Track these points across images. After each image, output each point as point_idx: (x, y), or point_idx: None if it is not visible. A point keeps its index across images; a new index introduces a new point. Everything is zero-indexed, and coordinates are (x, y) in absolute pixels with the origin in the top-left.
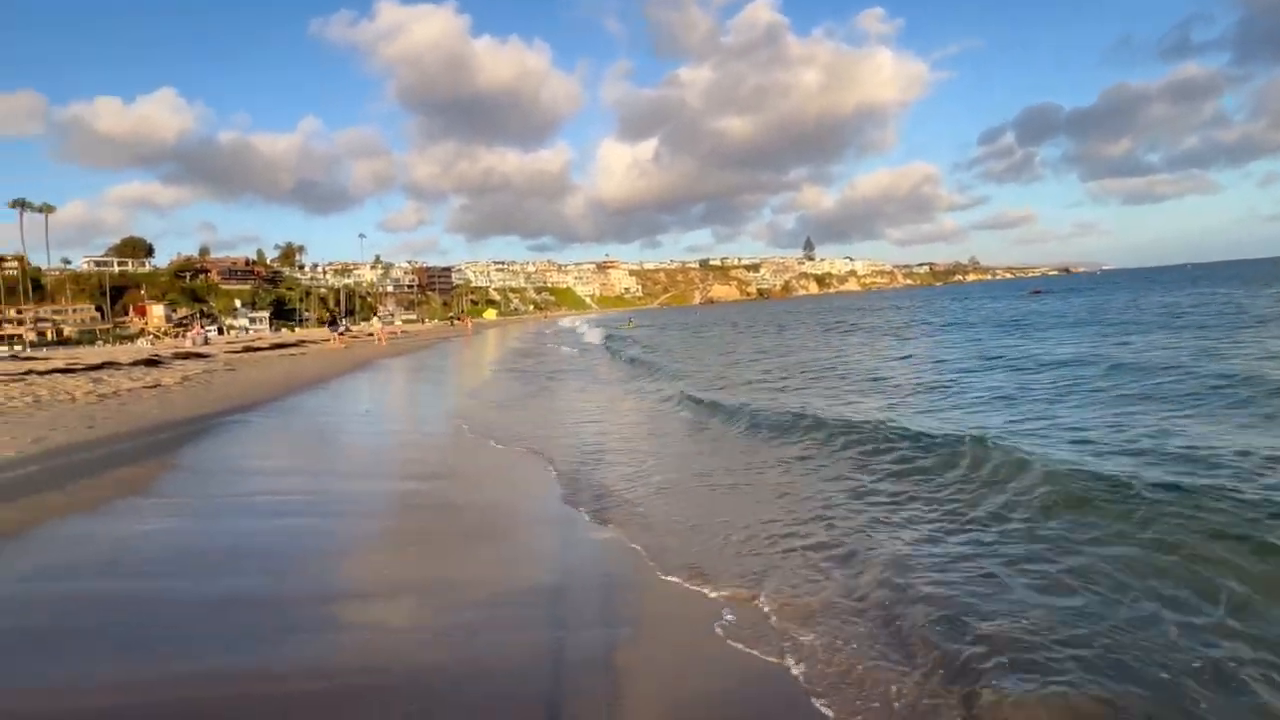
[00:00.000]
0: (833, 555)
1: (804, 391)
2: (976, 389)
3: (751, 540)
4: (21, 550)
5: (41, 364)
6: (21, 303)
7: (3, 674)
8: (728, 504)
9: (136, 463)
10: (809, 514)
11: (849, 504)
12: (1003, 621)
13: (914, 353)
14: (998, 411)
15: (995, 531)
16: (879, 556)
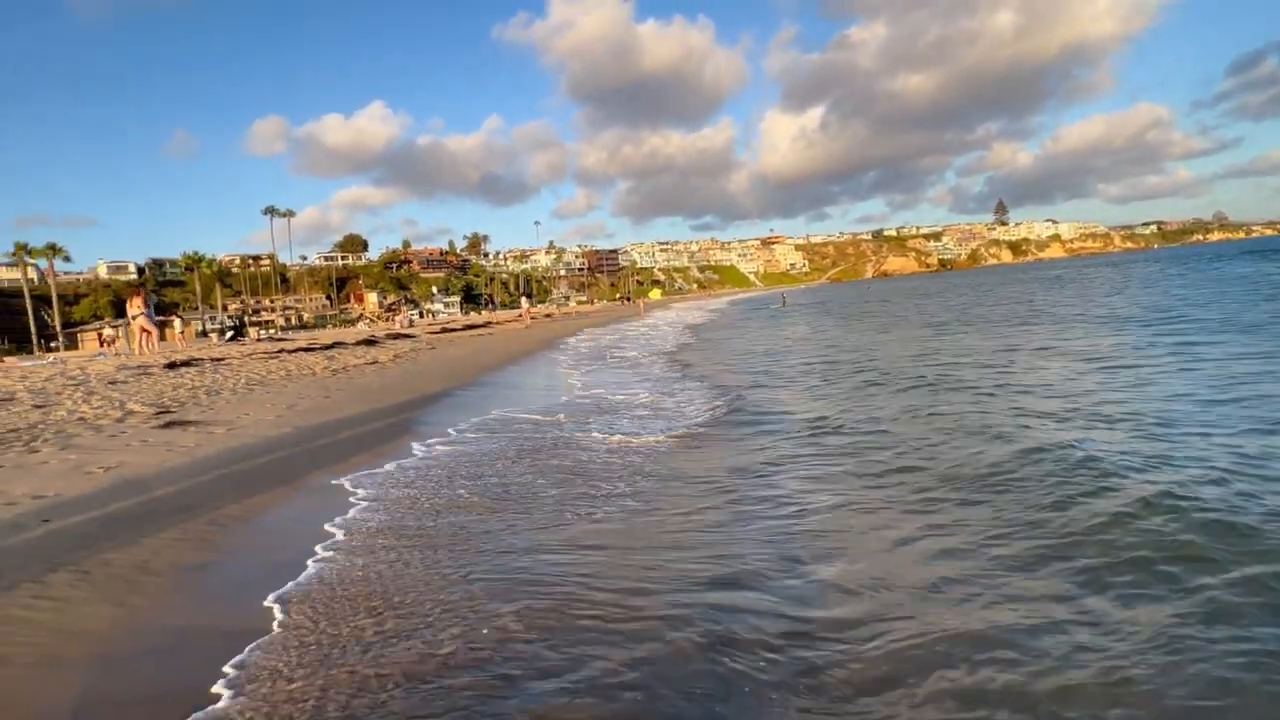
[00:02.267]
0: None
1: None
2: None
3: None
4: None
5: (289, 344)
6: (273, 293)
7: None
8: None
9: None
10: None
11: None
12: None
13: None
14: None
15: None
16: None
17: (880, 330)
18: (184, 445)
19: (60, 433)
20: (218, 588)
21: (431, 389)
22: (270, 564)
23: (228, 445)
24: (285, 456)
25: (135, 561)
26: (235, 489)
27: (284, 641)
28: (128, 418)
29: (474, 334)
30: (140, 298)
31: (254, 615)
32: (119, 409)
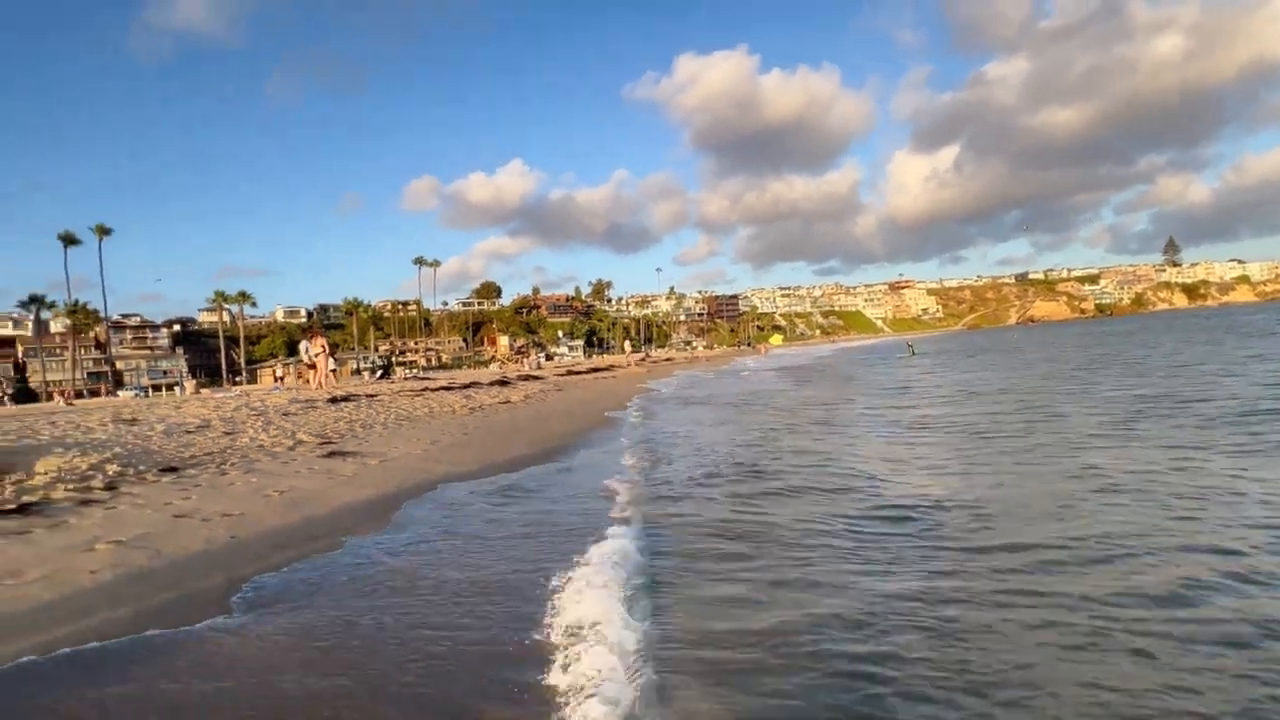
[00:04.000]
0: None
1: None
2: None
3: None
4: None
5: (432, 383)
6: (417, 336)
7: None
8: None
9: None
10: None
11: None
12: None
13: None
14: None
15: None
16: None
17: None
18: (344, 474)
19: (245, 458)
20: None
21: (561, 429)
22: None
23: (381, 476)
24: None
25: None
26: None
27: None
28: (297, 446)
29: (598, 376)
30: (322, 339)
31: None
32: (290, 438)
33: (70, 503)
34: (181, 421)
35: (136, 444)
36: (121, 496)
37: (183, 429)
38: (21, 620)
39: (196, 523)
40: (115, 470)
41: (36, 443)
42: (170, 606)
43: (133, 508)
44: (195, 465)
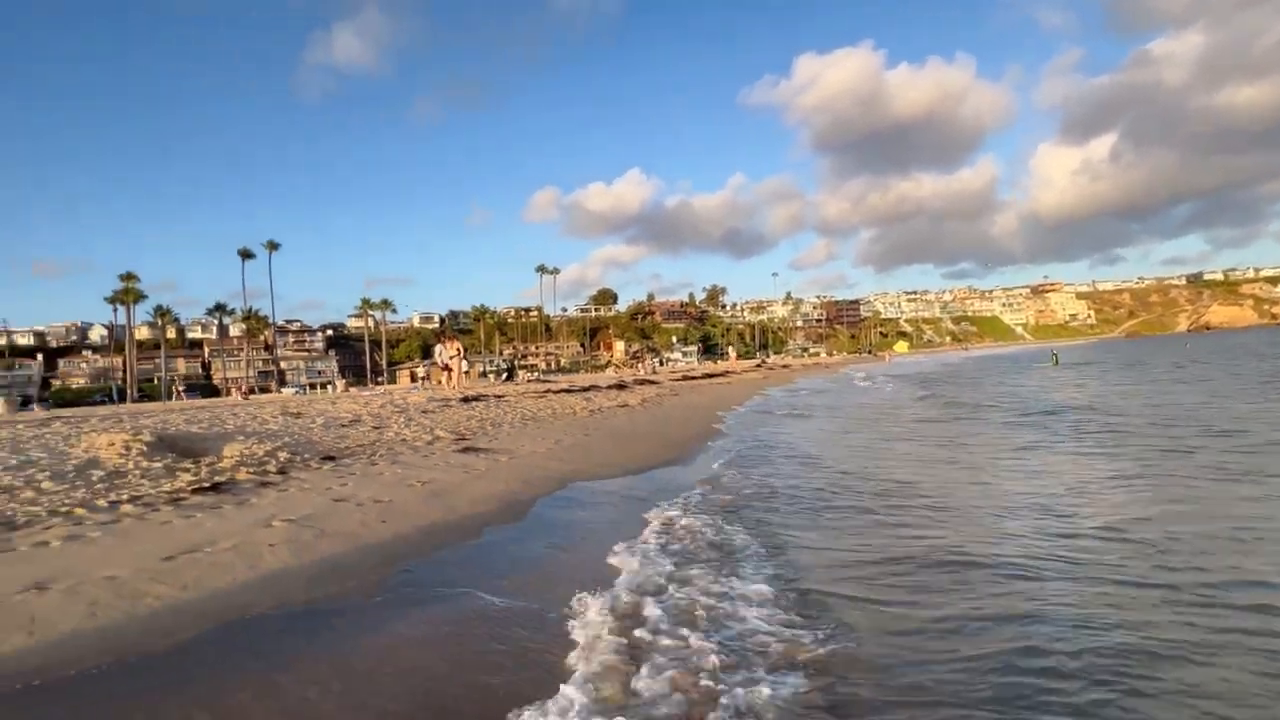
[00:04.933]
0: None
1: None
2: None
3: None
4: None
5: (554, 386)
6: (538, 340)
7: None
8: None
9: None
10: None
11: None
12: None
13: None
14: None
15: None
16: None
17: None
18: (478, 469)
19: (391, 450)
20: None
21: (679, 433)
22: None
23: (510, 471)
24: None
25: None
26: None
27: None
28: (435, 441)
29: (713, 382)
30: (455, 342)
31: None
32: (429, 434)
33: (251, 483)
34: (337, 416)
35: (301, 435)
36: (291, 480)
37: (338, 423)
38: (220, 581)
39: (352, 506)
40: (285, 457)
41: (223, 431)
42: (333, 580)
43: (300, 490)
44: (349, 455)
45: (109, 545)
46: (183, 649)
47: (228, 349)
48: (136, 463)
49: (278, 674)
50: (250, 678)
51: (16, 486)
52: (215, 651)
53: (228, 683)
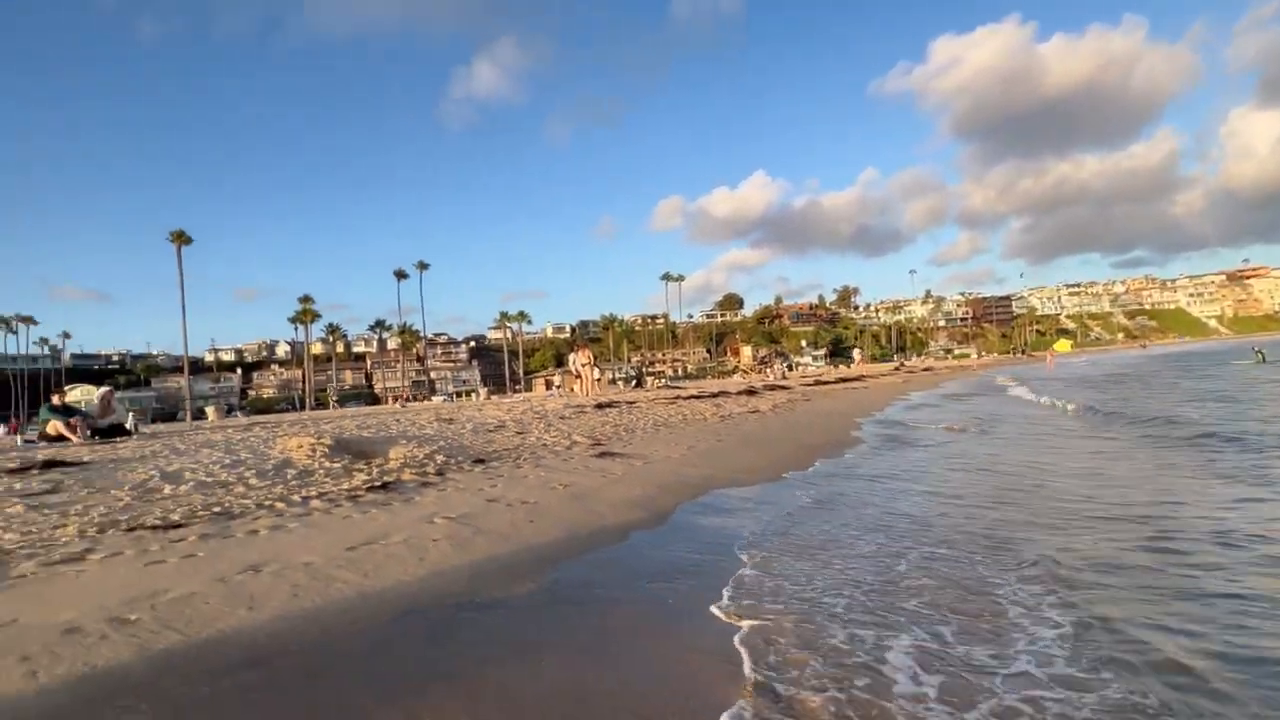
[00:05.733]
0: None
1: None
2: None
3: None
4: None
5: (683, 392)
6: (664, 347)
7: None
8: None
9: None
10: None
11: None
12: None
13: None
14: None
15: None
16: None
17: None
18: (614, 473)
19: (533, 454)
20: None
21: (813, 439)
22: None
23: (645, 475)
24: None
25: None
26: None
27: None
28: (573, 446)
29: (847, 387)
30: (587, 351)
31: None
32: (567, 439)
33: (414, 483)
34: (483, 422)
35: (454, 439)
36: (448, 481)
37: (485, 428)
38: (394, 571)
39: (502, 507)
40: (441, 460)
41: (389, 435)
42: (490, 576)
43: (456, 491)
44: (497, 459)
45: (304, 535)
46: (370, 631)
47: (386, 361)
48: (320, 463)
49: (450, 660)
50: (427, 659)
51: (231, 482)
52: (395, 633)
53: (410, 661)
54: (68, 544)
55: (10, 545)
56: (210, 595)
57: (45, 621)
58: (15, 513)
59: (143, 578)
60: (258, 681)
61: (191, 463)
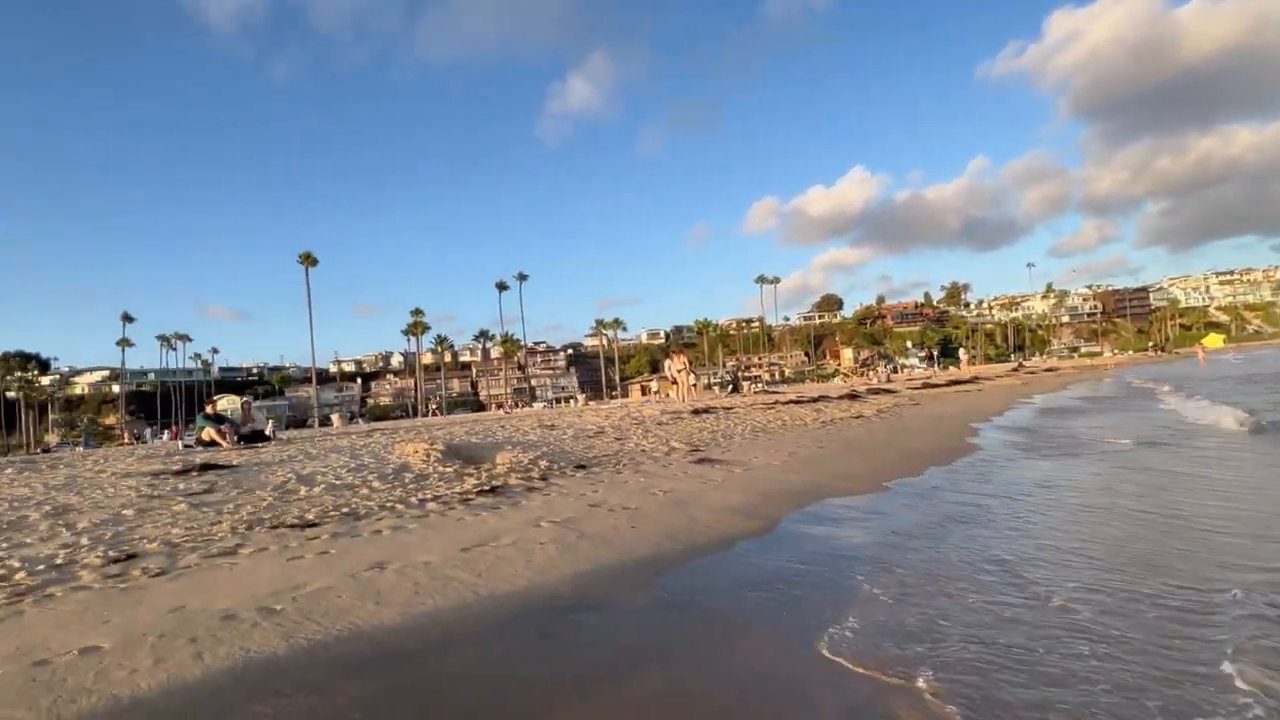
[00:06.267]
0: None
1: None
2: None
3: None
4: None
5: (781, 397)
6: (760, 351)
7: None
8: None
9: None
10: None
11: None
12: None
13: None
14: None
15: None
16: None
17: None
18: (714, 479)
19: (632, 460)
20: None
21: (922, 445)
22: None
23: (745, 482)
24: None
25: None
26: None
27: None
28: (671, 452)
29: (959, 390)
30: (683, 356)
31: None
32: (665, 445)
33: (520, 488)
34: (583, 428)
35: (556, 445)
36: (552, 486)
37: (585, 434)
38: (504, 571)
39: (605, 512)
40: (545, 465)
41: (495, 441)
42: (596, 579)
43: (560, 496)
44: (597, 464)
45: (422, 536)
46: (485, 629)
47: (489, 369)
48: (434, 468)
49: (560, 661)
50: (539, 659)
51: (356, 485)
52: (509, 632)
53: (523, 661)
54: (222, 539)
55: (177, 539)
56: (343, 590)
57: (207, 608)
58: (180, 510)
59: (285, 571)
60: (389, 673)
61: (322, 467)
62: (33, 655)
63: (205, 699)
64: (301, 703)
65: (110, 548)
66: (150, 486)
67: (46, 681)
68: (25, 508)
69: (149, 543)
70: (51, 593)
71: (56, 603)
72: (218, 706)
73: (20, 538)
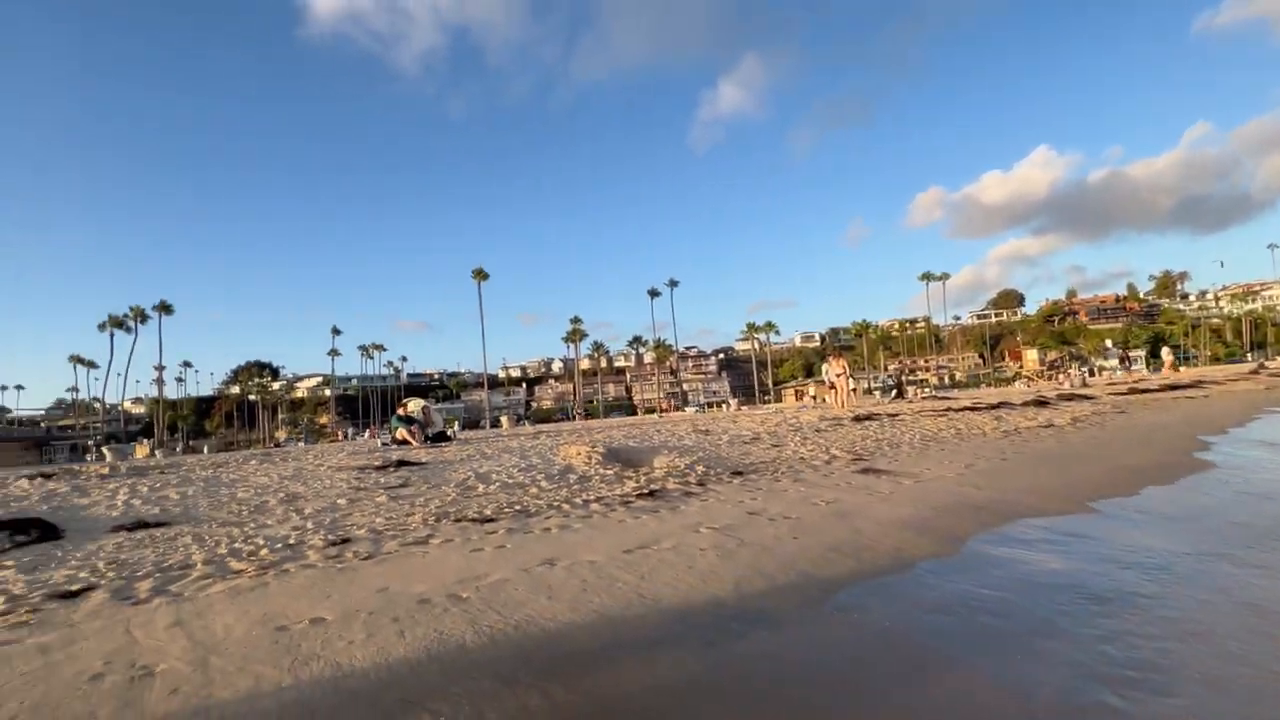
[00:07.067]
0: None
1: None
2: None
3: None
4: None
5: (954, 403)
6: (926, 354)
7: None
8: None
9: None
10: None
11: None
12: None
13: None
14: None
15: None
16: None
17: None
18: (880, 491)
19: (791, 468)
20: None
21: (1135, 459)
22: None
23: (919, 494)
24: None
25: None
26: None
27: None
28: (832, 461)
29: (1176, 395)
30: (842, 360)
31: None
32: (825, 453)
33: (678, 492)
34: (738, 433)
35: (711, 450)
36: (709, 492)
37: (740, 440)
38: (666, 575)
39: (764, 520)
40: (701, 470)
41: (651, 445)
42: (758, 589)
43: (717, 502)
44: (754, 471)
45: (587, 535)
46: (651, 631)
47: (642, 374)
48: (596, 470)
49: (726, 668)
50: (706, 666)
51: (526, 484)
52: (674, 636)
53: (689, 666)
54: (415, 529)
55: (380, 527)
56: (518, 583)
57: (405, 591)
58: (381, 502)
59: (468, 562)
60: (563, 669)
61: (496, 466)
62: (275, 621)
63: (408, 674)
64: (487, 687)
65: (329, 532)
66: (358, 479)
67: (285, 645)
68: (266, 494)
69: (358, 529)
70: (287, 568)
71: (290, 577)
72: (421, 684)
73: (264, 520)
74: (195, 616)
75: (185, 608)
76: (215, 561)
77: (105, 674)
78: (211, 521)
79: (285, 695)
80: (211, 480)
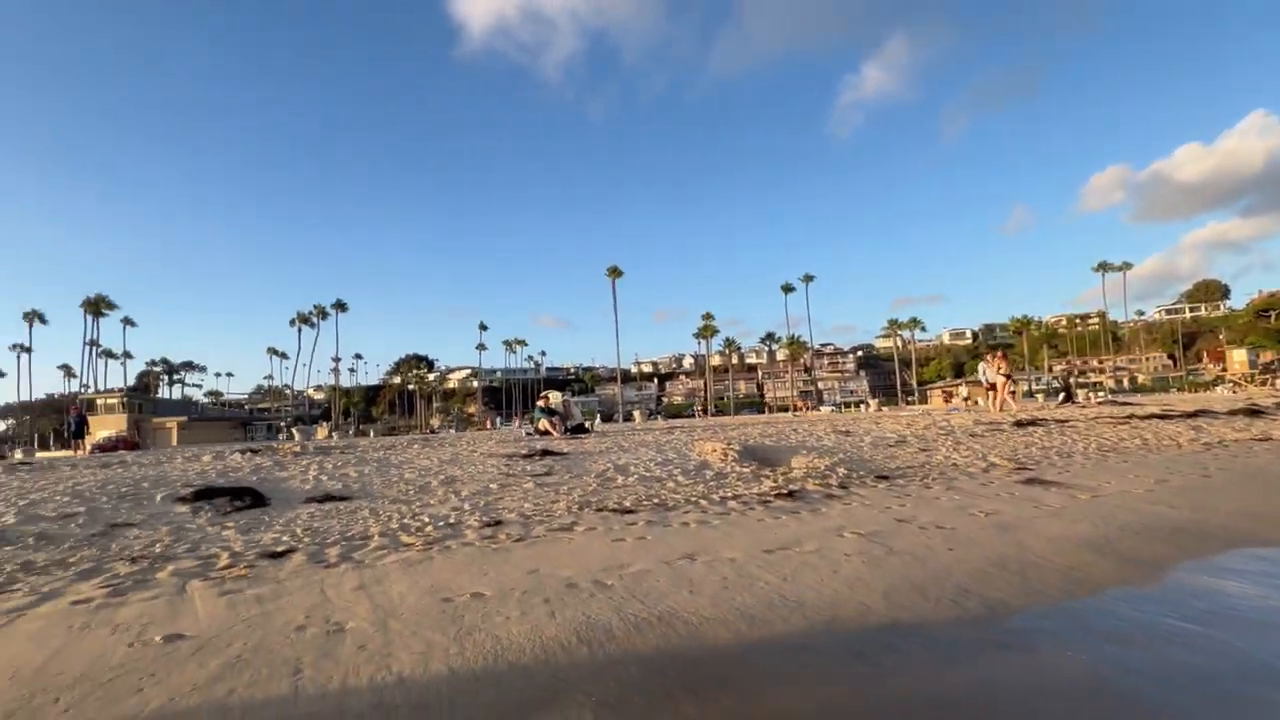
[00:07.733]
0: None
1: None
2: None
3: None
4: None
5: (1138, 409)
6: (1100, 353)
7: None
8: None
9: None
10: None
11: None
12: None
13: None
14: None
15: None
16: None
17: None
18: (1049, 504)
19: (943, 474)
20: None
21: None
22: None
23: (1097, 512)
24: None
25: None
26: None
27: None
28: (991, 469)
29: None
30: (1003, 360)
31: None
32: (982, 460)
33: (819, 494)
34: (882, 435)
35: (853, 452)
36: (852, 495)
37: (885, 442)
38: (808, 579)
39: (914, 529)
40: (843, 473)
41: (789, 445)
42: (910, 601)
43: (861, 506)
44: (901, 476)
45: (725, 532)
46: (796, 635)
47: (774, 372)
48: (732, 467)
49: (880, 682)
50: (855, 678)
51: (663, 478)
52: (821, 643)
53: (836, 675)
54: (560, 516)
55: (528, 512)
56: (659, 575)
57: (554, 574)
58: (529, 488)
59: (610, 551)
60: (708, 666)
61: (634, 459)
62: (441, 593)
63: (559, 653)
64: (635, 676)
65: (484, 514)
66: (506, 466)
67: (451, 615)
68: (428, 476)
69: (509, 513)
70: (449, 545)
71: (452, 554)
72: (572, 665)
73: (427, 499)
74: (375, 583)
75: (366, 574)
76: (389, 534)
77: (306, 626)
78: (384, 498)
79: (453, 661)
80: (383, 461)
